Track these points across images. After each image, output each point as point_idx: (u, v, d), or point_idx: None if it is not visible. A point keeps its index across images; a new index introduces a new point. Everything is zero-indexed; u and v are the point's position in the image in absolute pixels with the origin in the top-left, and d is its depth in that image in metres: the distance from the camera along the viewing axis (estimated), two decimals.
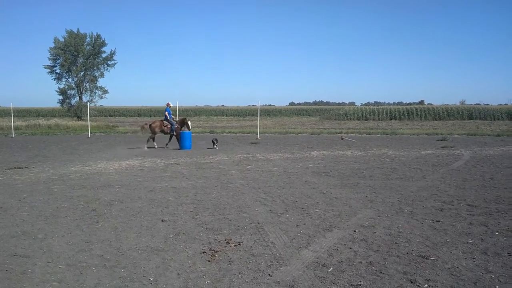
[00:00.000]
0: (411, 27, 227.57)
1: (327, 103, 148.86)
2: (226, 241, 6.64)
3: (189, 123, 22.99)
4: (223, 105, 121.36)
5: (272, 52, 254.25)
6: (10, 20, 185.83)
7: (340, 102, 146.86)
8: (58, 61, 56.65)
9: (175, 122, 23.20)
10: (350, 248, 6.29)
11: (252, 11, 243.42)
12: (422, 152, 19.93)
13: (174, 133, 22.81)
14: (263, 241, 6.63)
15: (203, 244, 6.53)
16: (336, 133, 33.79)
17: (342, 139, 27.63)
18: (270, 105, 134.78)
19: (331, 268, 5.51)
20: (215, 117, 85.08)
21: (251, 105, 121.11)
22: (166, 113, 23.08)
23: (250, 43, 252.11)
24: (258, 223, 7.61)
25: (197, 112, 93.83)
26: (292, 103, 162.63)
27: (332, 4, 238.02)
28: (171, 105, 23.98)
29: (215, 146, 22.07)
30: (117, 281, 5.13)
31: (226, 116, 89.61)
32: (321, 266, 5.59)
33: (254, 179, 12.25)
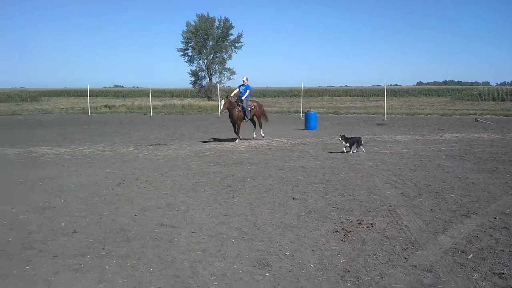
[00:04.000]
0: None
1: (459, 83, 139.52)
2: (358, 221, 6.66)
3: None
4: (346, 85, 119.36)
5: (396, 29, 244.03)
6: (147, 6, 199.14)
7: (473, 81, 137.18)
8: (190, 44, 59.77)
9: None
10: (491, 236, 5.98)
11: None
12: None
13: (246, 119, 17.54)
14: (397, 224, 6.55)
15: (335, 223, 6.62)
16: (470, 114, 31.70)
17: (477, 121, 25.89)
18: (396, 85, 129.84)
19: (471, 255, 5.30)
20: (339, 97, 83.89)
21: (375, 85, 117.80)
22: (248, 91, 17.44)
23: (375, 20, 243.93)
24: (390, 206, 7.51)
25: (320, 92, 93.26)
26: (420, 83, 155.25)
27: None
28: (246, 81, 17.60)
29: (351, 148, 13.68)
30: (255, 254, 5.42)
31: (350, 96, 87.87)
32: (459, 252, 5.40)
33: (382, 161, 12.03)
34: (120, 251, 5.56)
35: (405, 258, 5.23)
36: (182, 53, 60.48)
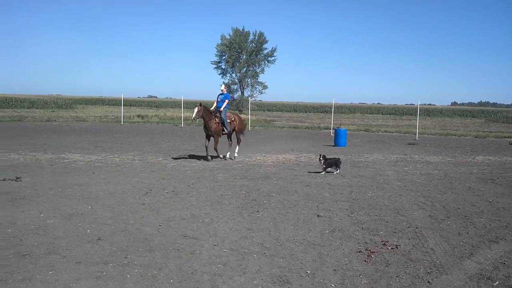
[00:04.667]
0: None
1: (494, 104, 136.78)
2: (383, 242, 6.55)
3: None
4: (379, 103, 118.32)
5: (432, 48, 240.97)
6: (183, 19, 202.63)
7: (510, 103, 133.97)
8: (223, 57, 60.50)
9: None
10: None
11: (414, 5, 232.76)
12: None
13: (225, 132, 15.81)
14: (422, 246, 6.42)
15: (359, 243, 6.53)
16: (504, 137, 30.93)
17: (511, 144, 25.25)
18: (430, 104, 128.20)
19: (497, 282, 5.15)
20: (370, 115, 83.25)
21: (409, 103, 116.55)
22: (227, 100, 15.83)
23: (411, 38, 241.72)
24: (417, 228, 7.37)
25: (352, 109, 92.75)
26: (454, 103, 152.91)
27: None
28: (224, 90, 16.10)
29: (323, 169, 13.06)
30: (276, 270, 5.39)
31: (382, 114, 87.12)
32: (485, 278, 5.26)
33: (412, 182, 11.83)
34: (142, 260, 5.60)
35: (428, 282, 5.11)
36: (216, 66, 61.29)
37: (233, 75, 61.18)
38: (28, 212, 7.68)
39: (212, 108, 15.51)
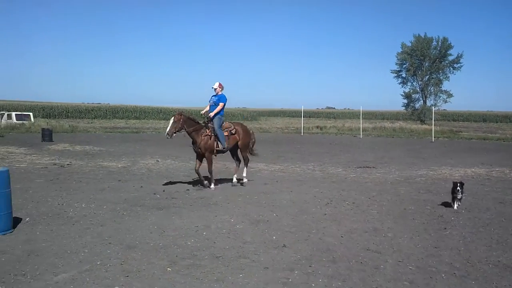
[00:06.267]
0: None
1: None
2: None
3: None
4: None
5: None
6: (361, 29, 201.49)
7: None
8: (404, 66, 58.55)
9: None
10: None
11: None
12: None
13: (220, 148, 11.51)
14: None
15: None
16: None
17: None
18: None
19: None
20: None
21: None
22: (222, 104, 11.58)
23: None
24: None
25: None
26: None
27: None
28: (218, 90, 11.74)
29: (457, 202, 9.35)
30: None
31: None
32: None
33: None
34: (326, 270, 5.68)
35: None
36: (396, 75, 59.60)
37: (414, 83, 58.87)
38: (220, 217, 8.33)
39: (203, 112, 11.94)
